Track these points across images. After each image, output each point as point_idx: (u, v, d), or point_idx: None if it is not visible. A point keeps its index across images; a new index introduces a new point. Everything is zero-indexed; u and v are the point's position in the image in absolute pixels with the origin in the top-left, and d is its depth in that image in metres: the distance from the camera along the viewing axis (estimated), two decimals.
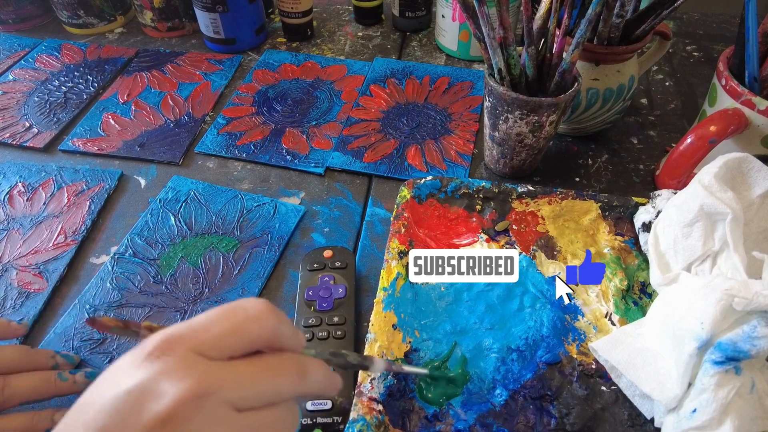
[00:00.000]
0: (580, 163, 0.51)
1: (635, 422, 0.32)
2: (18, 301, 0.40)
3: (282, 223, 0.45)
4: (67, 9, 0.68)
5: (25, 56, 0.66)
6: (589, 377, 0.34)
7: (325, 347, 0.22)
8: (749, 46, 0.39)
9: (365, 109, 0.57)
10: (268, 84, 0.61)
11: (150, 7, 0.66)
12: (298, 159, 0.51)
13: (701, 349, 0.29)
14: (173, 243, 0.44)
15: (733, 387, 0.28)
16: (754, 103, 0.38)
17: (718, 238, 0.34)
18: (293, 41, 0.69)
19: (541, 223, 0.42)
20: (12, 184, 0.49)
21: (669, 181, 0.44)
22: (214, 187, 0.49)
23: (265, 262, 0.42)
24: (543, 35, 0.42)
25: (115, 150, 0.53)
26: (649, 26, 0.43)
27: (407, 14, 0.68)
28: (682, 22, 0.73)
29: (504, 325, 0.36)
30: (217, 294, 0.40)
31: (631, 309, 0.37)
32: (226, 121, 0.56)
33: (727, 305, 0.29)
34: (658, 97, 0.59)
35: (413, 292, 0.38)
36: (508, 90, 0.41)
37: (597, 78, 0.46)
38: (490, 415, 0.32)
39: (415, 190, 0.43)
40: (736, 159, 0.36)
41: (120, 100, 0.59)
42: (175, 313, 0.39)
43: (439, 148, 0.52)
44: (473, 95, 0.59)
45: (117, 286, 0.41)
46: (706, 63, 0.64)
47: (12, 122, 0.56)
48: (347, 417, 0.31)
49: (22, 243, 0.44)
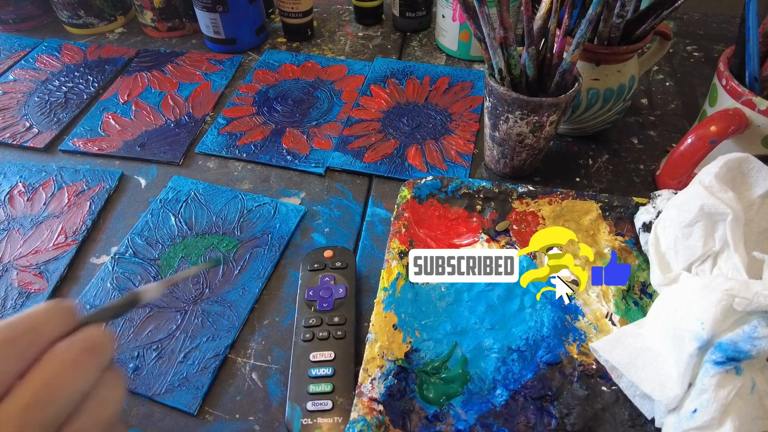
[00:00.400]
0: (581, 164, 0.51)
1: (636, 422, 0.32)
2: (18, 301, 0.40)
3: (282, 224, 0.45)
4: (68, 9, 0.68)
5: (26, 56, 0.66)
6: (590, 377, 0.34)
7: (96, 310, 0.21)
8: (750, 46, 0.39)
9: (365, 109, 0.57)
10: (269, 84, 0.61)
11: (150, 7, 0.66)
12: (298, 159, 0.51)
13: (702, 350, 0.29)
14: (173, 243, 0.44)
15: (733, 387, 0.28)
16: (755, 103, 0.38)
17: (719, 238, 0.34)
18: (293, 41, 0.69)
19: (541, 223, 0.42)
20: (12, 184, 0.49)
21: (669, 181, 0.44)
22: (214, 187, 0.49)
23: (266, 262, 0.42)
24: (543, 35, 0.42)
25: (116, 150, 0.53)
26: (649, 26, 0.43)
27: (407, 14, 0.68)
28: (683, 22, 0.73)
29: (504, 326, 0.36)
30: (218, 294, 0.40)
31: (631, 309, 0.37)
32: (227, 121, 0.56)
33: (727, 305, 0.29)
34: (658, 97, 0.59)
35: (414, 293, 0.38)
36: (508, 90, 0.41)
37: (597, 78, 0.46)
38: (490, 415, 0.32)
39: (415, 190, 0.43)
40: (737, 159, 0.36)
41: (120, 100, 0.59)
42: (176, 313, 0.39)
43: (440, 148, 0.52)
44: (473, 95, 0.59)
45: (117, 286, 0.41)
46: (707, 63, 0.64)
47: (12, 122, 0.56)
48: (347, 417, 0.31)
49: (23, 243, 0.44)
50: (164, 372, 0.36)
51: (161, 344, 0.37)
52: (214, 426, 0.34)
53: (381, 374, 0.32)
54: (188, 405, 0.34)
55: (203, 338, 0.38)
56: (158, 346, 0.37)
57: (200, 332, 0.38)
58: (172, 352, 0.37)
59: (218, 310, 0.39)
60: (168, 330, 0.38)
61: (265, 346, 0.38)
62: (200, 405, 0.34)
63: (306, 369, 0.35)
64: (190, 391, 0.35)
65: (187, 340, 0.37)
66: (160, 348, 0.37)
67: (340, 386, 0.34)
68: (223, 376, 0.36)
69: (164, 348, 0.37)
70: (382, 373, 0.33)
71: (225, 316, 0.39)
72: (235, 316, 0.39)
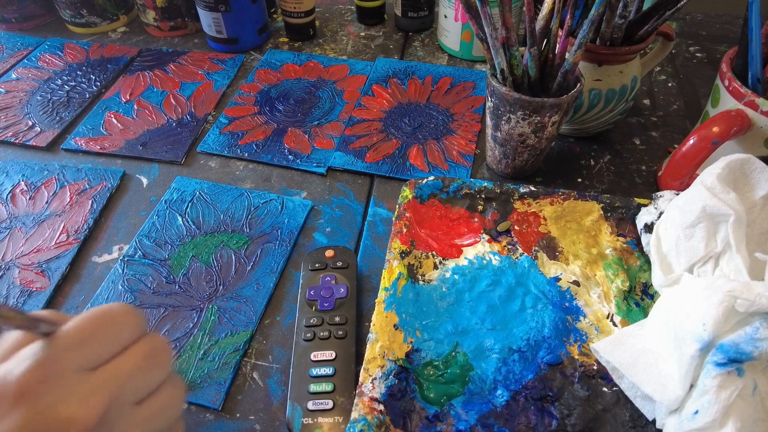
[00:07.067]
0: (583, 164, 0.51)
1: (637, 423, 0.32)
2: (20, 299, 0.40)
3: (291, 219, 0.46)
4: (70, 8, 0.68)
5: (28, 55, 0.66)
6: (591, 378, 0.34)
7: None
8: (752, 47, 0.39)
9: (367, 109, 0.57)
10: (271, 84, 0.61)
11: (153, 7, 0.66)
12: (300, 159, 0.51)
13: (703, 351, 0.29)
14: (183, 243, 0.44)
15: (735, 389, 0.28)
16: (758, 105, 0.38)
17: (721, 239, 0.34)
18: (296, 41, 0.69)
19: (543, 223, 0.42)
20: (15, 183, 0.49)
21: (671, 182, 0.44)
22: (219, 186, 0.49)
23: (278, 257, 0.43)
24: (546, 36, 0.42)
25: (118, 149, 0.53)
26: (652, 27, 0.43)
27: (410, 14, 0.68)
28: (685, 22, 0.72)
29: (505, 326, 0.36)
30: (233, 290, 0.40)
31: (633, 310, 0.37)
32: (229, 120, 0.56)
33: (729, 307, 0.29)
34: (660, 98, 0.59)
35: (415, 292, 0.38)
36: (510, 90, 0.41)
37: (599, 79, 0.46)
38: (491, 415, 0.32)
39: (416, 190, 0.43)
40: (739, 160, 0.36)
41: (122, 100, 0.59)
42: (192, 311, 0.39)
43: (441, 148, 0.52)
44: (475, 95, 0.58)
45: (129, 288, 0.41)
46: (709, 64, 0.64)
47: (15, 121, 0.56)
48: (348, 417, 0.31)
49: (25, 241, 0.44)
50: (184, 370, 0.36)
51: (179, 343, 0.37)
52: (214, 425, 0.34)
53: (382, 374, 0.32)
54: (212, 401, 0.35)
55: (221, 334, 0.38)
56: (176, 344, 0.37)
57: (218, 329, 0.38)
58: (191, 350, 0.37)
59: (234, 306, 0.39)
60: (185, 328, 0.38)
61: (266, 345, 0.38)
62: (224, 400, 0.35)
63: (307, 368, 0.35)
64: (213, 387, 0.35)
65: (205, 337, 0.38)
66: (179, 346, 0.37)
67: (340, 386, 0.34)
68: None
69: (182, 346, 0.37)
70: (382, 372, 0.33)
71: (241, 312, 0.39)
72: (252, 311, 0.39)
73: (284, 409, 0.34)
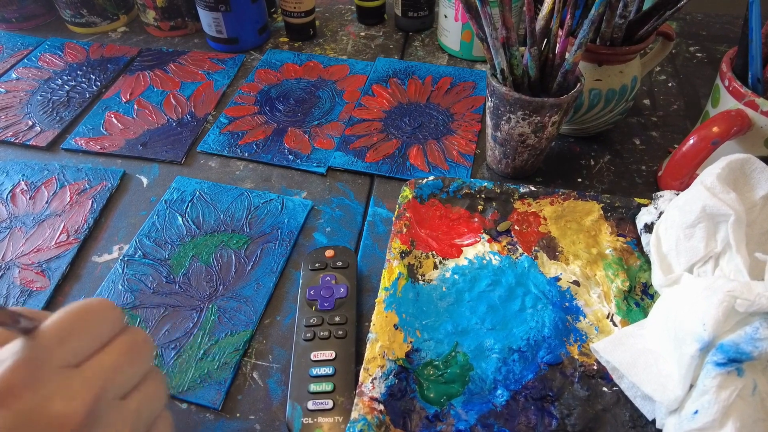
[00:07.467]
0: (583, 164, 0.51)
1: (637, 423, 0.32)
2: (20, 299, 0.40)
3: (291, 219, 0.46)
4: (71, 8, 0.68)
5: (28, 55, 0.66)
6: (591, 378, 0.34)
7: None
8: (753, 47, 0.39)
9: (367, 109, 0.57)
10: (271, 83, 0.61)
11: (153, 7, 0.66)
12: (300, 159, 0.51)
13: (703, 351, 0.29)
14: (183, 243, 0.44)
15: (735, 389, 0.28)
16: (758, 104, 0.38)
17: (721, 239, 0.34)
18: (296, 41, 0.69)
19: (543, 223, 0.42)
20: (15, 183, 0.49)
21: (671, 182, 0.44)
22: (219, 185, 0.49)
23: (278, 257, 0.43)
24: (546, 36, 0.42)
25: (118, 149, 0.53)
26: (652, 27, 0.43)
27: (410, 14, 0.68)
28: (686, 22, 0.72)
29: (505, 326, 0.36)
30: (233, 290, 0.40)
31: (633, 310, 0.37)
32: (229, 120, 0.56)
33: (729, 307, 0.29)
34: (660, 98, 0.59)
35: (415, 292, 0.38)
36: (510, 90, 0.41)
37: (599, 78, 0.46)
38: (491, 415, 0.32)
39: (416, 190, 0.43)
40: (739, 160, 0.36)
41: (122, 99, 0.59)
42: (192, 311, 0.39)
43: (441, 148, 0.52)
44: (475, 95, 0.58)
45: (129, 288, 0.41)
46: (710, 64, 0.64)
47: (15, 121, 0.56)
48: (348, 416, 0.31)
49: (25, 241, 0.44)
50: (184, 369, 0.36)
51: (179, 342, 0.37)
52: (214, 425, 0.34)
53: (382, 374, 0.32)
54: (212, 401, 0.35)
55: (221, 334, 0.38)
56: (176, 344, 0.37)
57: (218, 329, 0.38)
58: (191, 350, 0.37)
59: (234, 306, 0.40)
60: (185, 328, 0.38)
61: (266, 345, 0.38)
62: (224, 400, 0.35)
63: (307, 368, 0.35)
64: (213, 387, 0.35)
65: (205, 336, 0.38)
66: (179, 346, 0.37)
67: (340, 386, 0.34)
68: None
69: (182, 346, 0.37)
70: (382, 372, 0.33)
71: (241, 312, 0.39)
72: (252, 311, 0.39)
73: (284, 408, 0.34)
